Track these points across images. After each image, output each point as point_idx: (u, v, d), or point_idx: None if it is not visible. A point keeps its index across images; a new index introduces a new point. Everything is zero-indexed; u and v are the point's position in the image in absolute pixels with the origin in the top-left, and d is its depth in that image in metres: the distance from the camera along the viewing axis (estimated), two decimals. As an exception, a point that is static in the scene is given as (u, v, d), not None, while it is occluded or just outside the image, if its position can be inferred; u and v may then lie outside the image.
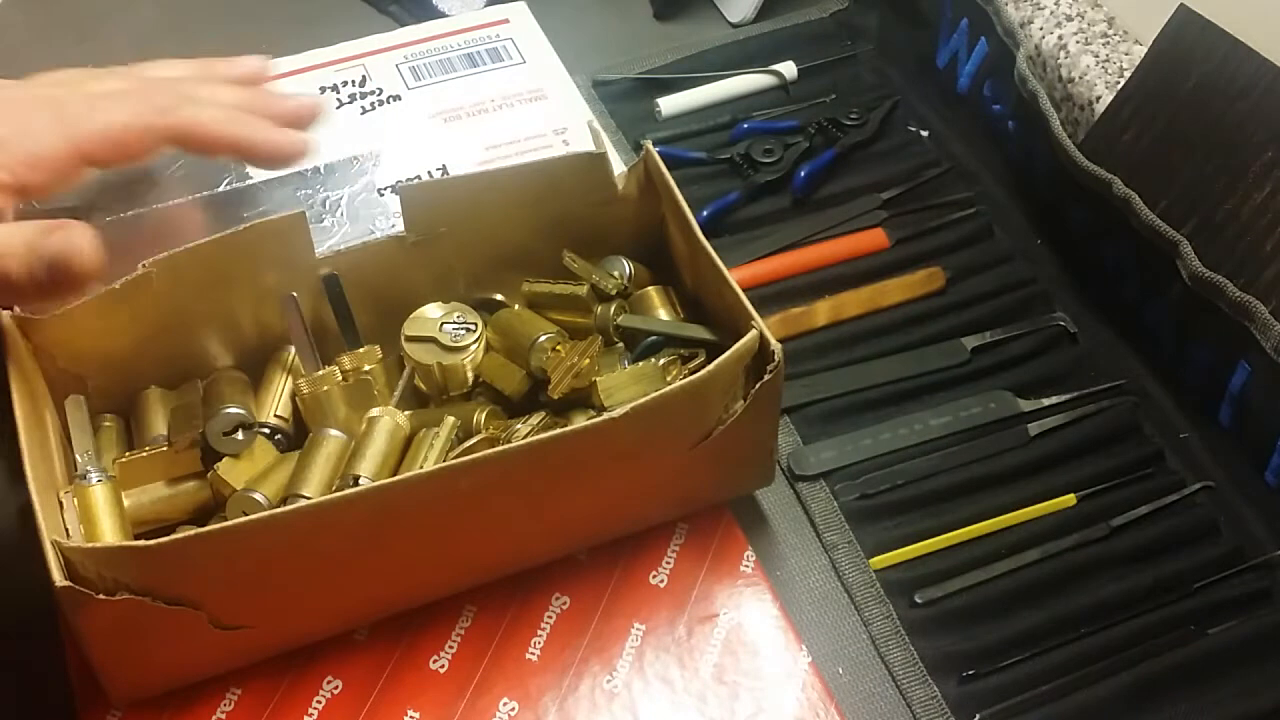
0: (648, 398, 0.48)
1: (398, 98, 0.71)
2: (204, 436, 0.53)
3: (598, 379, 0.54)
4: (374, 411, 0.54)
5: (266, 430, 0.55)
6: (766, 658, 0.54)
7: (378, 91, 0.71)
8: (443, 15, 0.78)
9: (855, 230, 0.70)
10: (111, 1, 0.82)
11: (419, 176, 0.68)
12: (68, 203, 0.58)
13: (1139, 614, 0.55)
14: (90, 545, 0.45)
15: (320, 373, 0.55)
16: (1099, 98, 0.62)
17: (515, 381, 0.56)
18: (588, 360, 0.54)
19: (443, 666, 0.53)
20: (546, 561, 0.55)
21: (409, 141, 0.69)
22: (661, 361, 0.55)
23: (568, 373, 0.54)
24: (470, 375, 0.57)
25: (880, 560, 0.57)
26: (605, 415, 0.48)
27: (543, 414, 0.54)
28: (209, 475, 0.53)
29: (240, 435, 0.53)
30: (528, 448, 0.48)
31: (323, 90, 0.71)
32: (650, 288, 0.59)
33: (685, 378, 0.50)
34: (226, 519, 0.51)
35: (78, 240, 0.48)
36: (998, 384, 0.63)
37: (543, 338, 0.56)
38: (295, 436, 0.56)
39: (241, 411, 0.53)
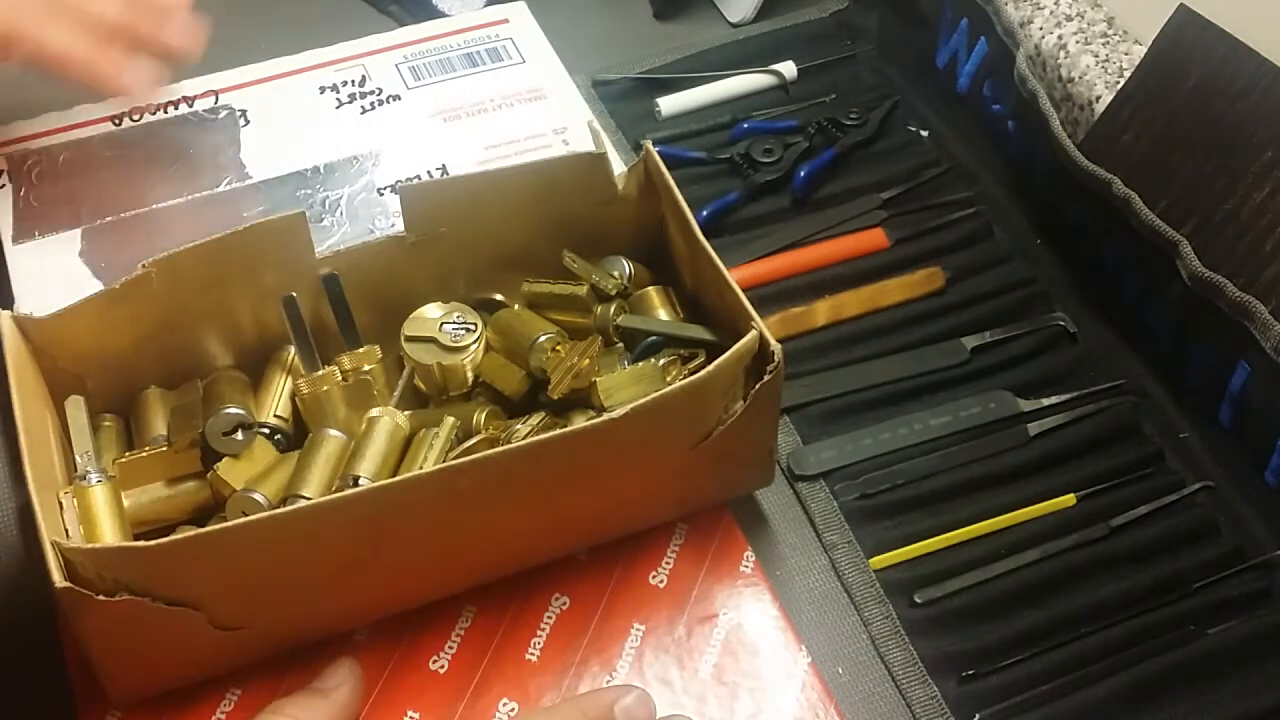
0: (648, 398, 0.48)
1: (397, 97, 0.71)
2: (204, 436, 0.53)
3: (598, 379, 0.54)
4: (374, 411, 0.54)
5: (266, 430, 0.55)
6: (766, 658, 0.54)
7: (377, 91, 0.71)
8: (442, 15, 0.78)
9: (855, 230, 0.70)
10: (111, 1, 0.82)
11: (419, 176, 0.67)
12: None
13: (1139, 614, 0.55)
14: (90, 546, 0.45)
15: (320, 373, 0.55)
16: (1099, 98, 0.62)
17: (515, 381, 0.56)
18: (588, 360, 0.54)
19: (442, 667, 0.53)
20: (546, 561, 0.55)
21: (409, 141, 0.69)
22: (661, 362, 0.55)
23: (568, 373, 0.54)
24: (470, 375, 0.57)
25: (880, 560, 0.57)
26: (605, 415, 0.48)
27: (543, 414, 0.54)
28: (209, 475, 0.53)
29: (240, 435, 0.53)
30: (527, 448, 0.48)
31: (322, 90, 0.71)
32: (650, 288, 0.59)
33: (685, 378, 0.49)
34: (226, 519, 0.51)
35: None
36: (998, 384, 0.63)
37: (543, 338, 0.56)
38: (295, 436, 0.56)
39: (241, 411, 0.53)
